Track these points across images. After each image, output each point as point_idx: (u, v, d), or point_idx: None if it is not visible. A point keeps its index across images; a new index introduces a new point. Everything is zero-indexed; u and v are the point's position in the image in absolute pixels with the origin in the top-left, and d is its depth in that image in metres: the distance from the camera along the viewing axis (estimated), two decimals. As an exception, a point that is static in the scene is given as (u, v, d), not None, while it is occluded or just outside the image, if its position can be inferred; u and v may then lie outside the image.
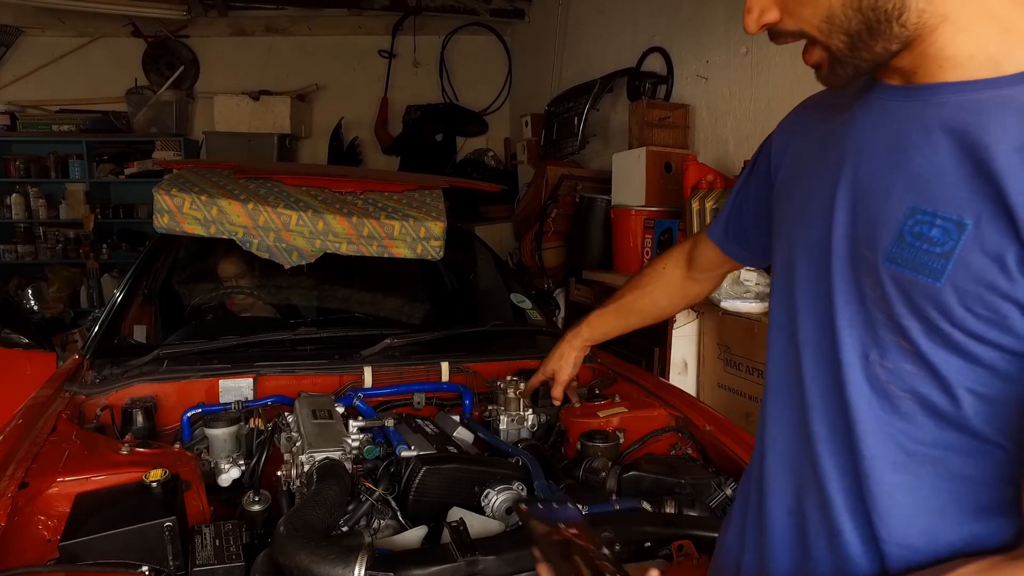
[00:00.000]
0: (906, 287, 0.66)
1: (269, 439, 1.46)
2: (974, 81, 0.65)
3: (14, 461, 1.21)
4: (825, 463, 0.75)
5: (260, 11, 5.87)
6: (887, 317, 0.68)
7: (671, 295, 1.35)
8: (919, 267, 0.65)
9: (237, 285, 2.52)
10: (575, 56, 4.98)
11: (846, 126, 0.77)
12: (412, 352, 1.90)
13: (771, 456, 0.85)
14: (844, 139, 0.76)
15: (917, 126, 0.68)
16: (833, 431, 0.74)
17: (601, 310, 1.49)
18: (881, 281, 0.68)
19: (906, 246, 0.66)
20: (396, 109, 6.37)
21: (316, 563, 0.96)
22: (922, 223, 0.65)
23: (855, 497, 0.72)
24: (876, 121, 0.73)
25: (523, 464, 1.37)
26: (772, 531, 0.83)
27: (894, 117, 0.71)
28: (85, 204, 5.93)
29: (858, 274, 0.71)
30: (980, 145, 0.62)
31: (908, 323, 0.66)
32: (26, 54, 5.93)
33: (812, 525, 0.77)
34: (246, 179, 2.23)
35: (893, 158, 0.69)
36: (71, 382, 1.67)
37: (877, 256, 0.68)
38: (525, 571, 1.04)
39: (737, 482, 1.35)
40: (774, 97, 3.09)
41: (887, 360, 0.69)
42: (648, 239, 3.41)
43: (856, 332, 0.71)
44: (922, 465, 0.68)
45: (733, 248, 1.14)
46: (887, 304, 0.68)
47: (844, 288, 0.73)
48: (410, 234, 2.06)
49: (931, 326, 0.65)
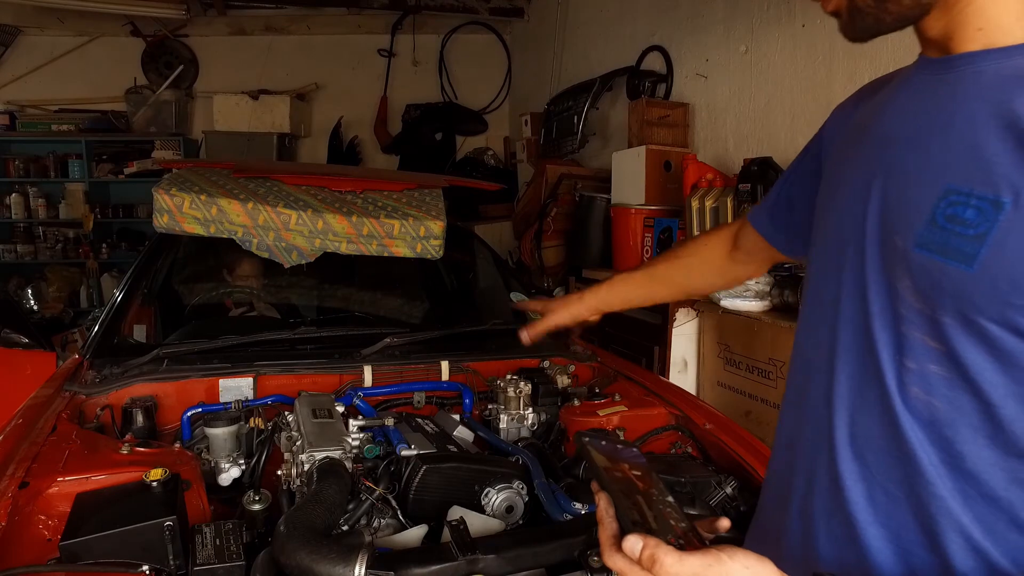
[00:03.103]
0: (936, 276, 0.60)
1: (269, 438, 1.46)
2: (1018, 45, 0.59)
3: (14, 461, 1.21)
4: (843, 466, 0.71)
5: (259, 10, 5.87)
6: (915, 312, 0.63)
7: (709, 272, 1.25)
8: (949, 252, 0.59)
9: (250, 286, 2.52)
10: (574, 55, 4.98)
11: (884, 106, 0.72)
12: (412, 351, 1.90)
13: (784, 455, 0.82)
14: (881, 120, 0.71)
15: (953, 100, 0.63)
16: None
17: (627, 274, 1.36)
18: (910, 270, 0.63)
19: (938, 230, 0.60)
20: (395, 108, 6.37)
21: (316, 562, 0.95)
22: (956, 204, 0.59)
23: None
24: (911, 98, 0.68)
25: (523, 463, 1.37)
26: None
27: (930, 92, 0.66)
28: (84, 204, 5.93)
29: (889, 264, 0.66)
30: (1021, 116, 0.57)
31: (940, 317, 0.61)
32: (25, 54, 5.92)
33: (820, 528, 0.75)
34: (245, 178, 2.23)
35: (927, 137, 0.64)
36: (71, 382, 1.67)
37: (907, 242, 0.63)
38: (525, 570, 1.04)
39: (737, 481, 1.36)
40: (774, 95, 3.09)
41: (912, 361, 0.64)
42: (648, 238, 3.41)
43: (887, 331, 0.66)
44: (963, 487, 0.63)
45: (775, 235, 1.06)
46: (916, 296, 0.62)
47: (876, 279, 0.67)
48: (410, 233, 2.06)
49: (963, 319, 0.59)
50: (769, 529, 0.87)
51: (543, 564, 1.06)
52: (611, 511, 0.65)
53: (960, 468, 0.63)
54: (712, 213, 2.93)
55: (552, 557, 1.06)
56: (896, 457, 0.66)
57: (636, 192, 3.47)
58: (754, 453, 1.43)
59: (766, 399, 2.54)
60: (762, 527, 0.90)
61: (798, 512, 0.79)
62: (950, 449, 0.63)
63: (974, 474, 0.62)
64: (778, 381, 2.48)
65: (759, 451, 1.44)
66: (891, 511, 0.68)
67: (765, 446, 1.47)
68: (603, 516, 0.65)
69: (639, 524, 0.61)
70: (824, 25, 2.80)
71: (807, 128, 2.90)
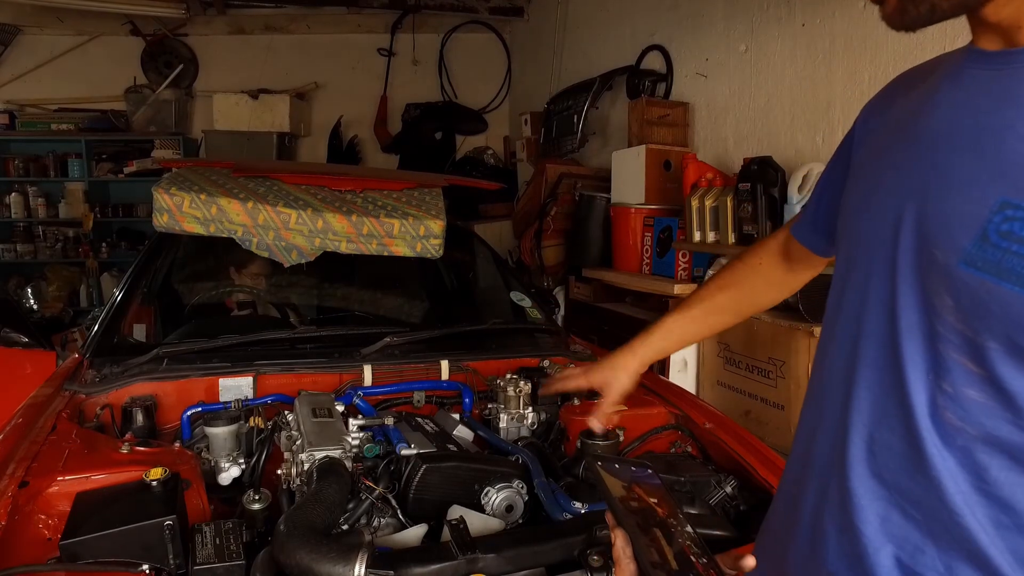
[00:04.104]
0: (984, 297, 0.55)
1: (269, 438, 1.47)
2: None
3: (14, 460, 1.21)
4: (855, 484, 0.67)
5: (259, 9, 5.86)
6: (955, 333, 0.58)
7: (772, 290, 1.17)
8: (1004, 273, 0.53)
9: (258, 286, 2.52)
10: (574, 54, 4.98)
11: (928, 103, 0.65)
12: (412, 350, 1.90)
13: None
14: (923, 118, 0.65)
15: (1012, 100, 0.56)
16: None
17: (679, 314, 1.20)
18: (953, 288, 0.57)
19: (990, 247, 0.54)
20: (395, 107, 6.36)
21: (316, 561, 0.95)
22: (1013, 220, 0.53)
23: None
24: (963, 96, 0.61)
25: (523, 462, 1.37)
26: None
27: (985, 91, 0.59)
28: (84, 203, 5.93)
29: (925, 278, 0.61)
30: None
31: (984, 341, 0.56)
32: (24, 53, 5.92)
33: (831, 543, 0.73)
34: (245, 178, 2.23)
35: (980, 141, 0.57)
36: (71, 381, 1.67)
37: (950, 257, 0.57)
38: (525, 569, 1.04)
39: (736, 480, 1.36)
40: (774, 95, 3.09)
41: (946, 383, 0.59)
42: (648, 237, 3.41)
43: (918, 348, 0.61)
44: (996, 515, 0.59)
45: (818, 243, 0.99)
46: (957, 316, 0.57)
47: (908, 293, 0.62)
48: (410, 232, 2.06)
49: (1013, 346, 0.54)
50: (778, 540, 0.85)
51: (543, 563, 1.06)
52: (628, 550, 0.62)
53: (993, 496, 0.59)
54: (712, 212, 2.93)
55: (552, 556, 1.06)
56: (917, 479, 0.63)
57: (636, 191, 3.47)
58: (754, 452, 1.43)
59: (766, 398, 2.54)
60: (772, 536, 0.89)
61: (808, 526, 0.76)
62: (985, 476, 0.59)
63: (1011, 504, 0.59)
64: (777, 380, 2.48)
65: (759, 450, 1.44)
66: (906, 534, 0.65)
67: (765, 445, 1.47)
68: (620, 555, 0.62)
69: (658, 566, 0.58)
70: (824, 24, 2.80)
71: (807, 127, 2.90)
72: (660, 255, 3.35)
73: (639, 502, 0.66)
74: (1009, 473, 0.58)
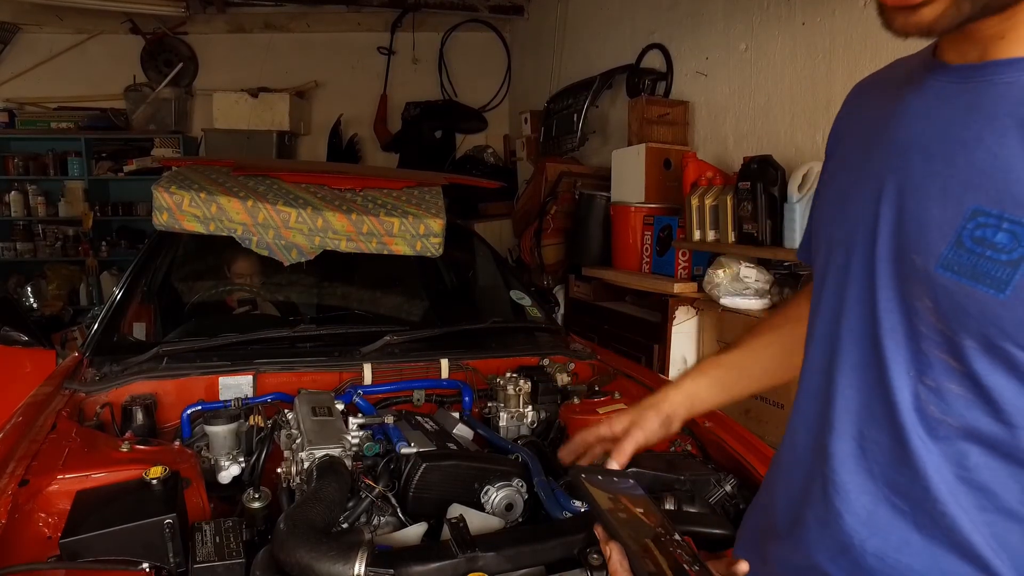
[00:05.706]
0: (961, 299, 0.58)
1: (269, 436, 1.47)
2: None
3: (14, 459, 1.21)
4: (841, 477, 0.70)
5: (258, 8, 5.85)
6: (935, 332, 0.61)
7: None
8: (979, 276, 0.57)
9: (248, 284, 2.52)
10: (574, 53, 4.97)
11: (896, 113, 0.68)
12: (412, 349, 1.90)
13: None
14: (893, 128, 0.67)
15: (980, 113, 0.59)
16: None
17: (722, 371, 1.05)
18: (932, 291, 0.60)
19: (965, 252, 0.58)
20: (395, 106, 6.36)
21: (316, 560, 0.96)
22: (985, 226, 0.56)
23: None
24: (931, 107, 0.64)
25: (523, 461, 1.37)
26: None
27: (952, 103, 0.62)
28: (84, 202, 5.93)
29: (904, 281, 0.64)
30: None
31: (961, 340, 0.59)
32: (24, 51, 5.91)
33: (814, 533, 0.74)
34: (245, 176, 2.23)
35: (950, 151, 0.61)
36: (71, 380, 1.67)
37: (928, 262, 0.60)
38: (524, 568, 1.04)
39: (736, 479, 1.36)
40: (773, 94, 3.09)
41: (928, 378, 0.62)
42: (647, 236, 3.42)
43: (900, 347, 0.64)
44: (979, 501, 0.62)
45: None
46: (937, 317, 0.61)
47: (888, 295, 0.65)
48: (409, 231, 2.06)
49: (988, 344, 0.58)
50: (761, 533, 0.86)
51: (542, 562, 1.06)
52: (625, 564, 0.63)
53: (974, 483, 0.62)
54: (712, 211, 2.94)
55: (551, 555, 1.06)
56: (904, 471, 0.66)
57: (636, 190, 3.47)
58: (753, 451, 1.43)
59: (765, 397, 2.54)
60: (753, 531, 0.89)
61: (789, 521, 0.78)
62: (966, 463, 0.62)
63: (991, 488, 0.61)
64: (777, 379, 2.48)
65: (758, 449, 1.44)
66: (893, 525, 0.67)
67: (765, 444, 1.47)
68: (617, 570, 0.64)
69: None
70: (824, 23, 2.80)
71: (807, 126, 2.90)
72: (660, 254, 3.35)
73: (627, 513, 0.67)
74: (988, 460, 0.61)
